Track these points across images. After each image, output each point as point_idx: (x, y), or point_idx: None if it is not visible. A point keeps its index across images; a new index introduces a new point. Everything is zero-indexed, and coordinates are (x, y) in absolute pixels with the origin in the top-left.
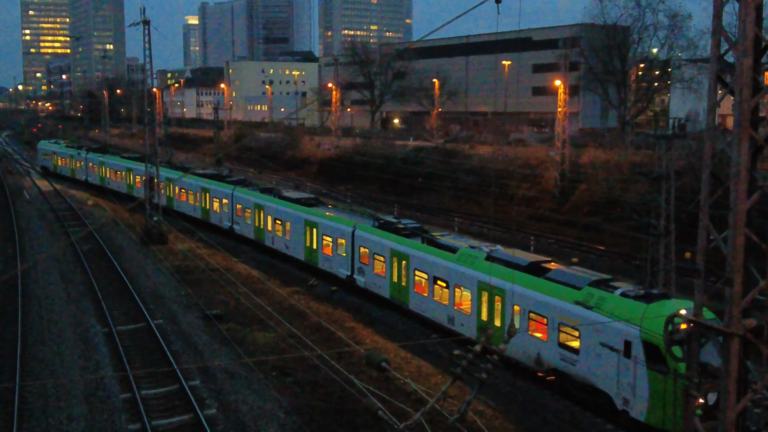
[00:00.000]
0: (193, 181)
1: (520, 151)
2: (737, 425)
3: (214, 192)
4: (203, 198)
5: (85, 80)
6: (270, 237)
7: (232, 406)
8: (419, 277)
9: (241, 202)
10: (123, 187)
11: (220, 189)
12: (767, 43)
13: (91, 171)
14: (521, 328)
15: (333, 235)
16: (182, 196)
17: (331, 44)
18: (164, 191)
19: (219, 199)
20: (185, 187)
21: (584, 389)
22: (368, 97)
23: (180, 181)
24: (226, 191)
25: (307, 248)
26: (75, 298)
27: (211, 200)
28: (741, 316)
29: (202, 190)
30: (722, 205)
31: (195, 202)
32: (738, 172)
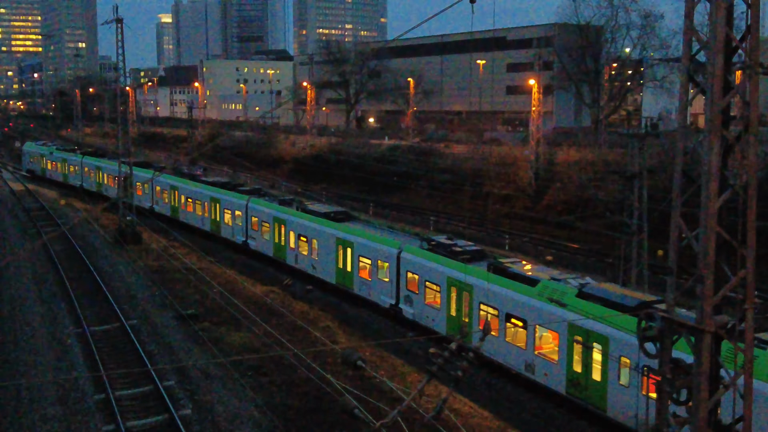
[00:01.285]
0: (202, 190)
1: (494, 150)
2: (709, 421)
3: (225, 203)
4: (213, 209)
5: (57, 79)
6: (292, 255)
7: (208, 407)
8: (486, 313)
9: (258, 215)
10: (114, 193)
11: (232, 199)
12: (738, 43)
13: (87, 176)
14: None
15: (373, 256)
16: (188, 206)
17: (305, 43)
18: (168, 200)
19: (231, 210)
20: (192, 196)
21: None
22: (343, 96)
23: (186, 189)
24: (239, 202)
25: (339, 270)
26: (48, 299)
27: (221, 212)
28: (713, 312)
29: (211, 201)
30: (694, 203)
31: (203, 213)
32: (709, 170)
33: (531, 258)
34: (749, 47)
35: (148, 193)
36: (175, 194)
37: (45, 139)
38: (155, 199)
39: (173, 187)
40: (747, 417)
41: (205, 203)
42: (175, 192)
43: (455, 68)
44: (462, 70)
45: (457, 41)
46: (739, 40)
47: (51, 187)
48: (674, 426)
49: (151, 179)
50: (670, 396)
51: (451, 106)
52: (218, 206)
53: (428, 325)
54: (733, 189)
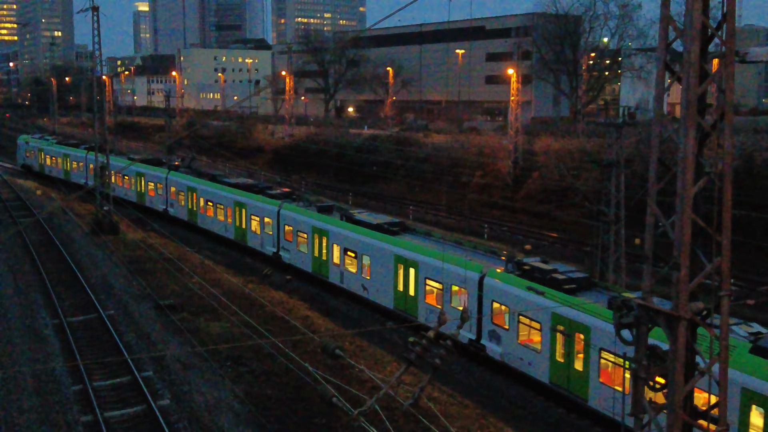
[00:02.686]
0: (225, 193)
1: (473, 139)
2: (685, 407)
3: (253, 208)
4: (238, 215)
5: (32, 68)
6: (336, 273)
7: (186, 397)
8: (612, 363)
9: (293, 223)
10: (133, 196)
11: (261, 205)
12: (714, 31)
13: (91, 174)
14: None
15: (444, 280)
16: (209, 210)
17: (284, 32)
18: (185, 203)
19: (260, 217)
20: (214, 199)
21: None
22: (322, 86)
23: (206, 191)
24: (269, 208)
25: (398, 294)
26: (23, 290)
27: (248, 218)
28: (688, 299)
29: (236, 205)
30: (670, 191)
31: (227, 219)
32: (685, 158)
33: (509, 246)
34: (725, 36)
35: (162, 195)
36: (193, 196)
37: (32, 130)
38: (170, 201)
39: (191, 189)
40: (722, 403)
41: (228, 208)
42: (194, 194)
43: (434, 58)
44: (441, 59)
45: (435, 30)
46: (716, 29)
47: (51, 185)
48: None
49: (165, 178)
50: (646, 383)
51: (430, 95)
52: (244, 212)
53: (524, 370)
54: (708, 177)
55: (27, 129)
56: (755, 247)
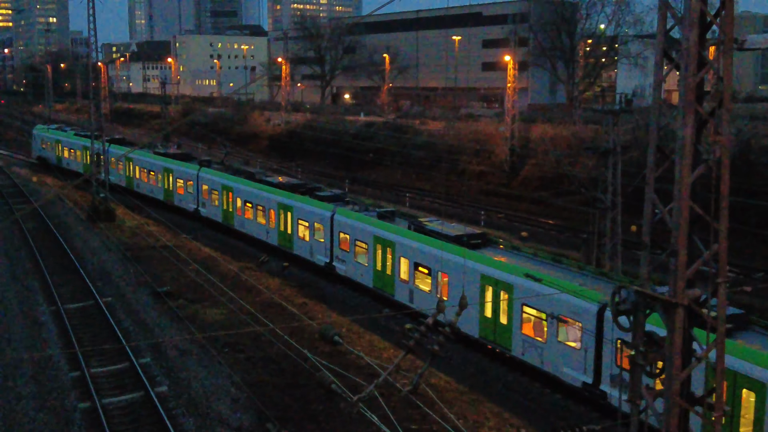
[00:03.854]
0: (267, 194)
1: (470, 126)
2: (682, 393)
3: (300, 211)
4: (282, 218)
5: (27, 54)
6: (404, 290)
7: (184, 383)
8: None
9: (349, 231)
10: (159, 193)
11: (310, 208)
12: (712, 18)
13: (113, 169)
14: None
15: (555, 313)
16: (248, 212)
17: (280, 18)
18: (219, 203)
19: (309, 222)
20: (254, 200)
21: None
22: (318, 72)
23: (244, 191)
24: (320, 212)
25: (486, 321)
26: (21, 277)
27: (294, 223)
28: (685, 286)
29: (280, 208)
30: (667, 178)
31: (269, 222)
32: (683, 146)
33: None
34: (724, 22)
35: (192, 193)
36: (228, 196)
37: (28, 117)
38: (201, 200)
39: (226, 188)
40: (719, 389)
41: (270, 210)
42: (229, 194)
43: (431, 44)
44: (437, 46)
45: (432, 17)
46: (714, 16)
47: (69, 179)
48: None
49: (196, 175)
50: (643, 369)
51: (426, 82)
52: (290, 215)
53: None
54: (706, 164)
55: (23, 116)
56: (752, 234)
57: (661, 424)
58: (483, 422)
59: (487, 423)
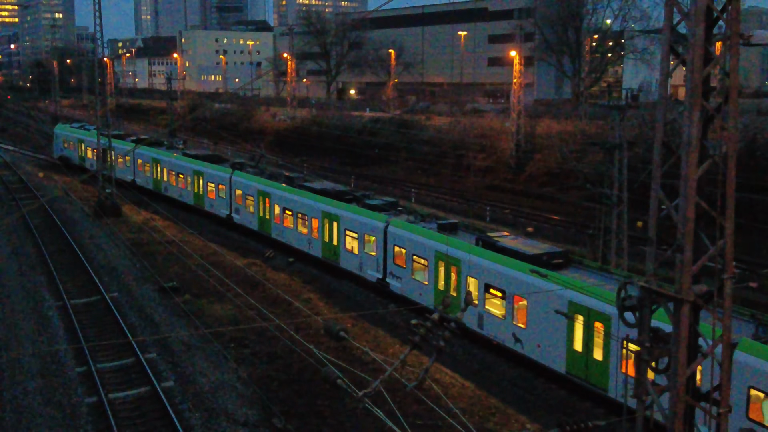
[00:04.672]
0: (310, 201)
1: (476, 121)
2: (687, 389)
3: (348, 222)
4: (327, 229)
5: (33, 50)
6: (473, 314)
7: (190, 378)
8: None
9: (406, 245)
10: (189, 197)
11: (360, 219)
12: (719, 13)
13: (140, 171)
14: None
15: None
16: (287, 220)
17: (285, 13)
18: (255, 209)
19: (358, 233)
20: (294, 207)
21: None
22: (324, 68)
23: (283, 197)
24: (373, 223)
25: (575, 355)
26: (27, 272)
27: (341, 233)
28: (691, 282)
29: (325, 217)
30: (674, 174)
31: (312, 232)
32: (689, 141)
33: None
34: (730, 17)
35: (225, 198)
36: (265, 203)
37: (34, 113)
38: (235, 206)
39: (263, 194)
40: (724, 385)
41: (313, 219)
42: (266, 200)
43: (436, 39)
44: (443, 41)
45: (438, 12)
46: (720, 11)
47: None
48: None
49: (229, 179)
50: (649, 364)
51: (432, 77)
52: (336, 226)
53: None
54: (712, 159)
55: (29, 111)
56: (758, 229)
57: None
58: (488, 417)
59: (492, 418)
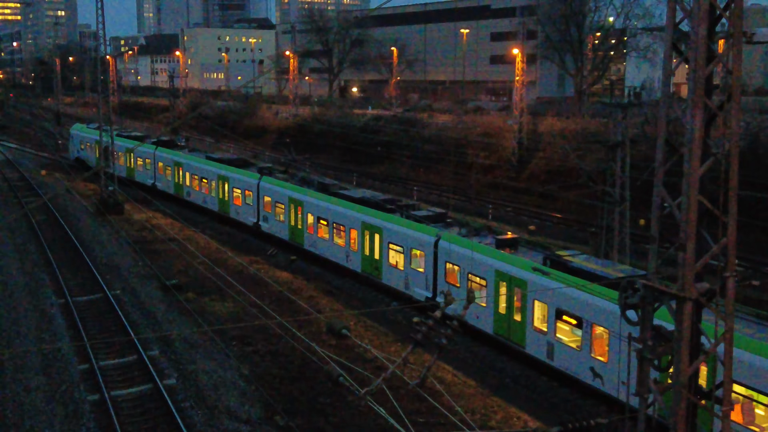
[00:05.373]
0: (348, 211)
1: (478, 119)
2: (690, 387)
3: (393, 234)
4: (368, 241)
5: (36, 48)
6: (542, 343)
7: (192, 376)
8: (393, 252)
9: (460, 262)
10: (213, 203)
11: (407, 232)
12: (721, 11)
13: (161, 174)
14: None
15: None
16: (321, 230)
17: (288, 11)
18: (284, 218)
19: (403, 247)
20: (330, 217)
21: None
22: (326, 66)
23: (317, 206)
24: (422, 238)
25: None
26: (30, 270)
27: (384, 247)
28: (694, 280)
29: (365, 229)
30: (676, 172)
31: (351, 245)
32: (692, 139)
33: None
34: (733, 15)
35: (252, 205)
36: (297, 211)
37: (38, 111)
38: (263, 214)
39: (295, 202)
40: (727, 383)
41: (352, 231)
42: (298, 208)
43: (439, 37)
44: (445, 39)
45: (440, 10)
46: (723, 9)
47: None
48: (655, 392)
49: (257, 185)
50: (651, 363)
51: (434, 75)
52: (378, 238)
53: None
54: (715, 158)
55: (32, 108)
56: (760, 227)
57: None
58: (490, 416)
59: (494, 416)
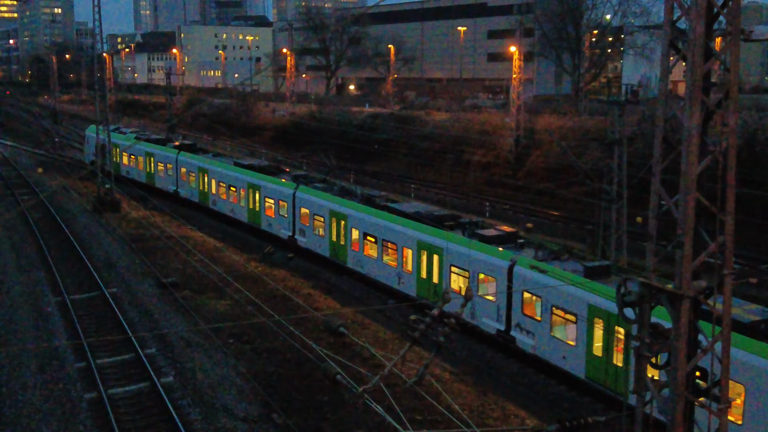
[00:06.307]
0: (400, 228)
1: (475, 117)
2: (687, 385)
3: (454, 255)
4: (425, 263)
5: (32, 45)
6: None
7: (189, 374)
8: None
9: (541, 292)
10: (242, 213)
11: (471, 254)
12: (719, 9)
13: (183, 181)
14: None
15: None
16: (368, 247)
17: (285, 9)
18: (325, 233)
19: (469, 271)
20: (378, 234)
21: None
22: (323, 63)
23: (363, 221)
24: (492, 262)
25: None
26: (26, 268)
27: (445, 269)
28: (691, 278)
29: (422, 248)
30: (673, 170)
31: (404, 265)
32: (689, 137)
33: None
34: (730, 13)
35: (287, 217)
36: (339, 225)
37: (33, 108)
38: (299, 226)
39: (337, 215)
40: (724, 381)
41: (405, 250)
42: (341, 222)
43: (436, 35)
44: (443, 36)
45: (437, 7)
46: (721, 6)
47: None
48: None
49: (292, 196)
50: (649, 360)
51: (432, 73)
52: (437, 260)
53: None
54: (712, 155)
55: (28, 107)
56: (757, 225)
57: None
58: (487, 413)
59: (491, 414)
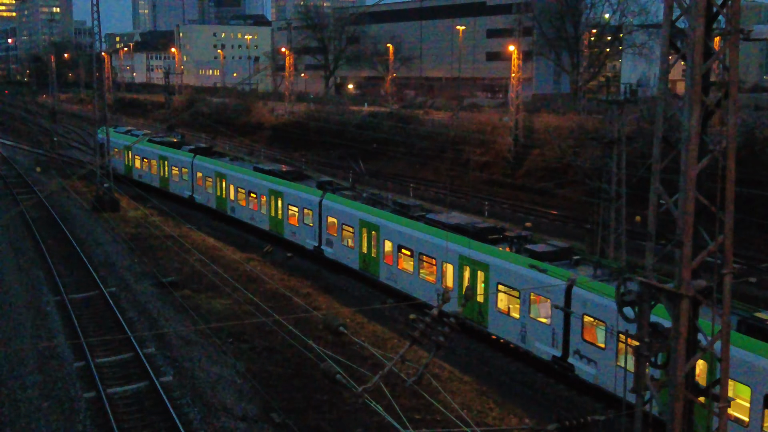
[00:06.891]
0: (436, 240)
1: (474, 116)
2: (686, 384)
3: (501, 272)
4: (469, 277)
5: (31, 44)
6: None
7: (188, 373)
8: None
9: (606, 317)
10: (264, 221)
11: (522, 272)
12: (719, 8)
13: (200, 186)
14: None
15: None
16: (403, 261)
17: (283, 8)
18: (355, 244)
19: (519, 292)
20: (416, 247)
21: None
22: (322, 62)
23: (398, 233)
24: (546, 281)
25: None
26: (25, 267)
27: (491, 287)
28: (691, 277)
29: (463, 262)
30: (673, 169)
31: (442, 280)
32: (689, 136)
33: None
34: (730, 12)
35: (313, 226)
36: (371, 236)
37: (33, 107)
38: (326, 237)
39: (368, 226)
40: (724, 380)
41: (445, 265)
42: (372, 233)
43: (435, 34)
44: (441, 35)
45: (436, 6)
46: (720, 6)
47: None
48: (652, 389)
49: (319, 204)
50: (648, 360)
51: (430, 72)
52: (481, 277)
53: None
54: (712, 155)
55: (27, 105)
56: (757, 224)
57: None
58: (487, 412)
59: (490, 413)
